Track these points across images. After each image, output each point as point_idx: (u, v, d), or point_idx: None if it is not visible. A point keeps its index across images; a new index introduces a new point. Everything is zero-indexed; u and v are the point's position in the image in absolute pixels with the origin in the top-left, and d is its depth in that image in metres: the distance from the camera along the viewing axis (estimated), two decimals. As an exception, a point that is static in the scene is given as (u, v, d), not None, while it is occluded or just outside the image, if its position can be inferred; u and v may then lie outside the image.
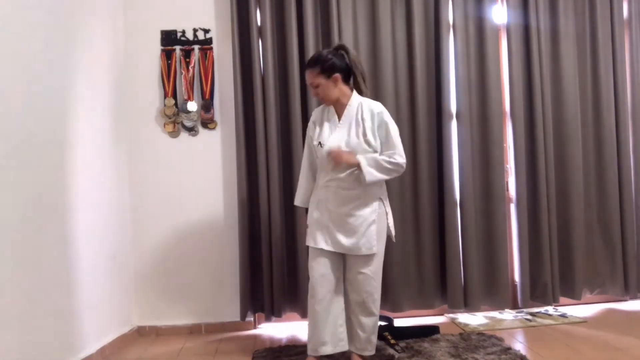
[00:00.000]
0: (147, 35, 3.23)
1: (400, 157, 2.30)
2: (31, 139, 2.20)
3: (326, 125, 2.39)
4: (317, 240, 2.35)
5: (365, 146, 2.29)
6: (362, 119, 2.32)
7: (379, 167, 2.26)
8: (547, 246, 3.26)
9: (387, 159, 2.28)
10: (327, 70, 2.32)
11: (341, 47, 2.41)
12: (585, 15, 3.42)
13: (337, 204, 2.33)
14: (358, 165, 2.25)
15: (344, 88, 2.38)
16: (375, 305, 2.36)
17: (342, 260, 2.39)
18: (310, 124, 2.50)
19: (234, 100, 3.15)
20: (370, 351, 2.38)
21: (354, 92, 2.41)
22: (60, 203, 2.42)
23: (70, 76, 2.57)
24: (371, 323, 2.36)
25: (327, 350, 2.31)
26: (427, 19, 3.29)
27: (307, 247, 2.48)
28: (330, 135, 2.35)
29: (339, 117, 2.38)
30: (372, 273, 2.33)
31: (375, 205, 2.34)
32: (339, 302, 2.36)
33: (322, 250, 2.33)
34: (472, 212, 3.24)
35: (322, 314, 2.31)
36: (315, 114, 2.50)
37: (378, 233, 2.33)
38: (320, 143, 2.37)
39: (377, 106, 2.35)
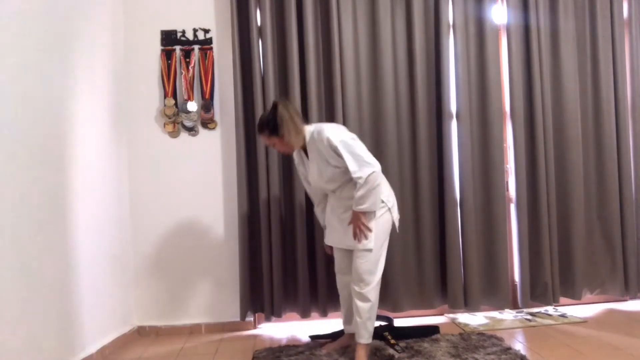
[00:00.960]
0: (147, 35, 3.23)
1: (367, 169, 2.29)
2: (31, 139, 2.20)
3: (305, 163, 2.62)
4: (330, 238, 2.65)
5: (337, 169, 2.40)
6: (319, 150, 2.42)
7: (361, 199, 2.32)
8: (547, 246, 3.26)
9: (358, 188, 2.31)
10: (274, 130, 2.42)
11: (274, 106, 2.43)
12: (585, 15, 3.42)
13: (344, 209, 2.51)
14: (363, 212, 2.37)
15: (298, 133, 2.44)
16: (370, 293, 2.43)
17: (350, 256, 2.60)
18: (296, 164, 2.73)
19: (234, 100, 3.15)
20: (366, 339, 2.45)
21: (306, 125, 2.50)
22: (60, 203, 2.42)
23: (70, 76, 2.57)
24: (366, 308, 2.43)
25: (349, 329, 2.69)
26: (427, 19, 3.29)
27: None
28: (308, 173, 2.58)
29: (307, 155, 2.54)
30: (368, 260, 2.41)
31: (383, 207, 2.47)
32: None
33: (336, 248, 2.66)
34: (472, 212, 3.24)
35: (345, 299, 2.67)
36: (295, 156, 2.69)
37: (376, 233, 2.41)
38: (307, 180, 2.68)
39: (321, 131, 2.38)
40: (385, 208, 2.46)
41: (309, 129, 2.47)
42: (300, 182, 2.92)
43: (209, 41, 3.25)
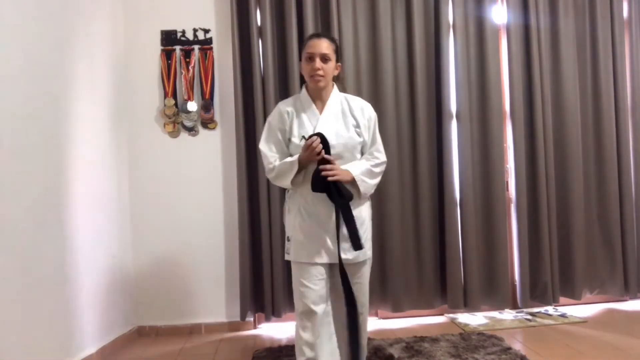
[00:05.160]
0: (147, 35, 3.23)
1: (382, 154, 2.17)
2: (31, 139, 2.20)
3: (304, 117, 2.09)
4: (309, 253, 2.01)
5: (357, 139, 2.08)
6: (353, 115, 2.11)
7: (370, 174, 2.08)
8: (547, 246, 3.26)
9: (373, 162, 2.11)
10: (337, 52, 2.12)
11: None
12: (585, 15, 3.42)
13: (328, 209, 2.02)
14: (352, 179, 2.02)
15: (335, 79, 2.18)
16: (367, 319, 2.19)
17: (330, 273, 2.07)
18: (277, 115, 2.12)
19: (234, 100, 3.15)
20: None
21: (335, 85, 2.17)
22: (60, 203, 2.42)
23: (70, 76, 2.57)
24: (364, 341, 2.14)
25: None
26: (427, 19, 3.29)
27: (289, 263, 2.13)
28: (314, 128, 2.05)
29: (320, 109, 2.10)
30: (366, 280, 2.13)
31: (368, 203, 2.17)
32: (331, 324, 2.06)
33: (315, 265, 2.00)
34: (472, 212, 3.24)
35: (325, 345, 2.01)
36: (285, 105, 2.14)
37: (368, 238, 2.13)
38: (304, 137, 2.02)
39: (366, 104, 2.19)
40: (370, 206, 2.20)
41: (336, 89, 2.17)
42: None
43: (209, 41, 3.25)
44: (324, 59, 2.04)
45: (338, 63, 2.13)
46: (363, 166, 2.08)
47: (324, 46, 2.04)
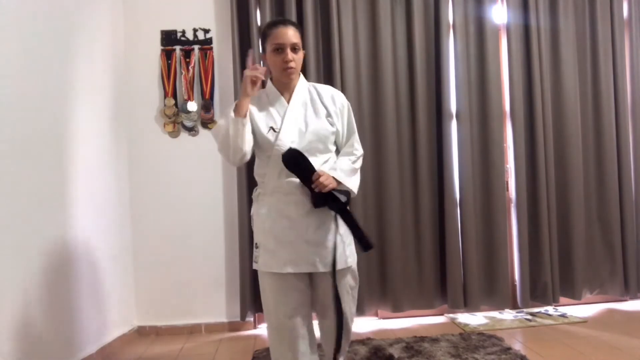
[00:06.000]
0: (147, 35, 3.23)
1: (359, 145, 2.02)
2: (31, 139, 2.20)
3: (271, 109, 1.92)
4: (281, 261, 1.83)
5: (329, 128, 1.92)
6: (323, 103, 1.95)
7: (352, 172, 1.94)
8: (547, 246, 3.26)
9: (354, 157, 1.96)
10: (301, 40, 1.94)
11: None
12: (585, 15, 3.42)
13: (302, 209, 1.85)
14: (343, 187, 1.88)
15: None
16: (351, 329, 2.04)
17: (309, 284, 1.94)
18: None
19: (233, 100, 3.14)
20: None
21: (301, 75, 2.00)
22: (60, 203, 2.42)
23: (70, 76, 2.57)
24: (347, 346, 2.04)
25: None
26: (427, 19, 3.28)
27: (256, 272, 1.97)
28: (283, 120, 1.88)
29: (287, 100, 1.93)
30: (354, 277, 1.99)
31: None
32: (313, 343, 1.93)
33: (287, 275, 1.84)
34: (472, 212, 3.24)
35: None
36: (250, 103, 1.90)
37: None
38: (272, 128, 1.86)
39: (337, 91, 2.04)
40: None
41: (302, 77, 2.02)
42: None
43: (209, 41, 3.25)
44: (294, 48, 1.87)
45: (303, 51, 1.97)
46: (347, 166, 1.92)
47: (292, 35, 1.86)
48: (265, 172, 1.90)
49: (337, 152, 2.02)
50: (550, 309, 3.33)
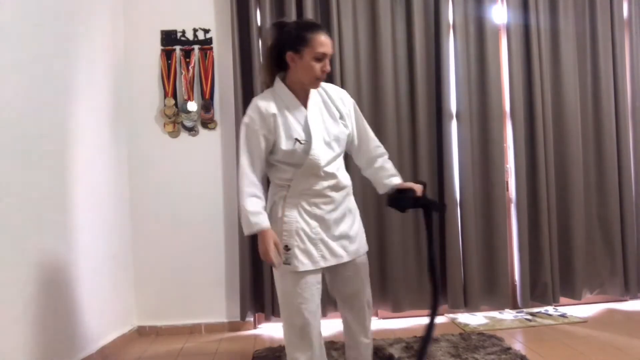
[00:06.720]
0: (147, 35, 3.23)
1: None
2: (31, 139, 2.20)
3: (289, 116, 1.87)
4: (313, 259, 1.87)
5: (345, 131, 1.95)
6: (335, 105, 1.95)
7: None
8: (547, 246, 3.26)
9: (386, 155, 2.06)
10: None
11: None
12: (585, 15, 3.41)
13: (328, 207, 1.92)
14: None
15: None
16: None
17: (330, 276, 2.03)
18: (257, 118, 1.84)
19: (234, 100, 3.15)
20: None
21: None
22: (61, 203, 2.42)
23: (70, 77, 2.57)
24: (371, 343, 2.07)
25: None
26: (427, 19, 3.28)
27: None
28: (309, 129, 1.85)
29: (303, 103, 1.90)
30: (367, 269, 2.06)
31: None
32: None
33: (313, 272, 1.88)
34: (472, 212, 3.24)
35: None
36: (265, 104, 1.86)
37: None
38: (298, 140, 1.83)
39: (343, 91, 2.05)
40: None
41: None
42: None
43: (209, 41, 3.25)
44: (330, 56, 1.87)
45: None
46: (393, 167, 2.07)
47: (331, 46, 1.87)
48: (292, 177, 1.88)
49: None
50: (550, 309, 3.33)
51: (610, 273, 3.41)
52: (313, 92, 1.93)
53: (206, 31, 3.25)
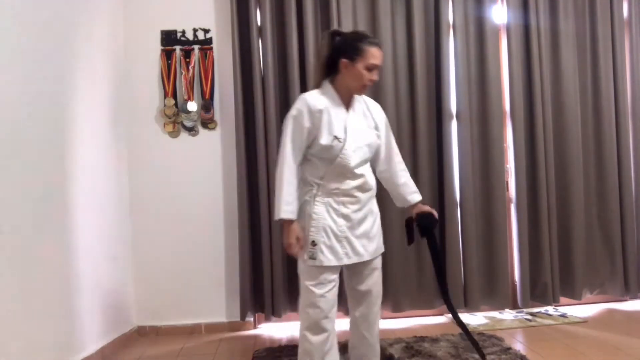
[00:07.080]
0: (147, 35, 3.23)
1: None
2: (31, 139, 2.19)
3: (333, 115, 1.97)
4: (338, 255, 1.97)
5: (378, 141, 2.09)
6: (372, 116, 2.10)
7: None
8: (547, 246, 3.26)
9: (407, 172, 2.23)
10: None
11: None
12: (585, 15, 3.42)
13: (356, 207, 2.03)
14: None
15: None
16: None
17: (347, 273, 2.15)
18: (306, 112, 1.95)
19: (234, 100, 3.15)
20: None
21: None
22: (61, 203, 2.42)
23: (70, 76, 2.57)
24: (376, 345, 2.20)
25: None
26: (427, 19, 3.29)
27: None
28: (346, 130, 1.96)
29: (346, 107, 2.02)
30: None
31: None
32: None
33: (333, 268, 1.98)
34: (472, 213, 3.25)
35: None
36: (314, 101, 1.96)
37: None
38: (337, 138, 1.94)
39: (379, 106, 2.21)
40: None
41: None
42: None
43: (209, 41, 3.25)
44: (378, 67, 2.03)
45: None
46: (414, 185, 2.23)
47: (381, 57, 2.04)
48: (324, 175, 1.99)
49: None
50: (550, 309, 3.33)
51: (610, 273, 3.41)
52: (357, 99, 2.08)
53: (206, 31, 3.25)
